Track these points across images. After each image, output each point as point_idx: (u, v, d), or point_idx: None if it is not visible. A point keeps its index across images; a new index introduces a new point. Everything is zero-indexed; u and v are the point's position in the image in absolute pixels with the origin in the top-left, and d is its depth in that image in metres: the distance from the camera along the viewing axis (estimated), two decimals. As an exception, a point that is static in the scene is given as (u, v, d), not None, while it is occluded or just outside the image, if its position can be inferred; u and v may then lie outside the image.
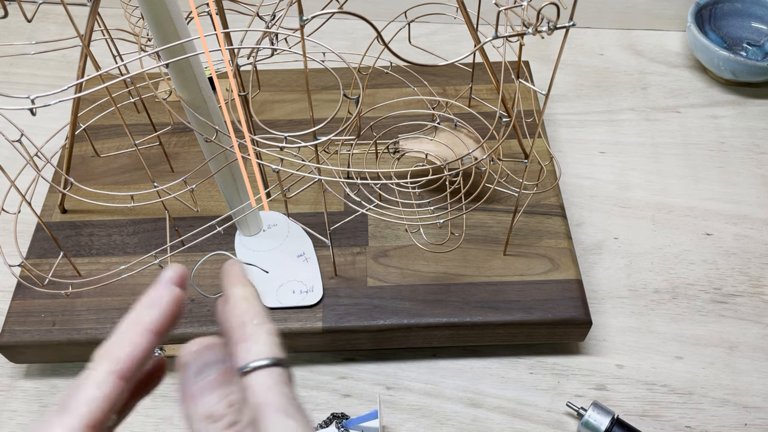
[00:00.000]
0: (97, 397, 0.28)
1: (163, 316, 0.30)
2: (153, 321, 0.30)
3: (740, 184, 0.75)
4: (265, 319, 0.31)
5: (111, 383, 0.29)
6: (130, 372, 0.29)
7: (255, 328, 0.30)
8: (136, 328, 0.30)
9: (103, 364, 0.29)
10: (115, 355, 0.29)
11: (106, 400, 0.28)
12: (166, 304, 0.30)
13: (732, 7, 0.88)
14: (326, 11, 0.39)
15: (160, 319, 0.30)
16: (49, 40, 0.58)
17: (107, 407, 0.29)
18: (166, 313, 0.30)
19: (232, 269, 0.33)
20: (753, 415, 0.59)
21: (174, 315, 0.31)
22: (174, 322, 0.31)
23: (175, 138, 0.72)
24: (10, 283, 0.65)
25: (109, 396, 0.29)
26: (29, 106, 0.36)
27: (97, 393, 0.28)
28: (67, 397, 0.29)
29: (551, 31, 0.40)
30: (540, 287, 0.60)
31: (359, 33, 0.93)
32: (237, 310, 0.31)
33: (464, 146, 0.65)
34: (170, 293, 0.31)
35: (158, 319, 0.30)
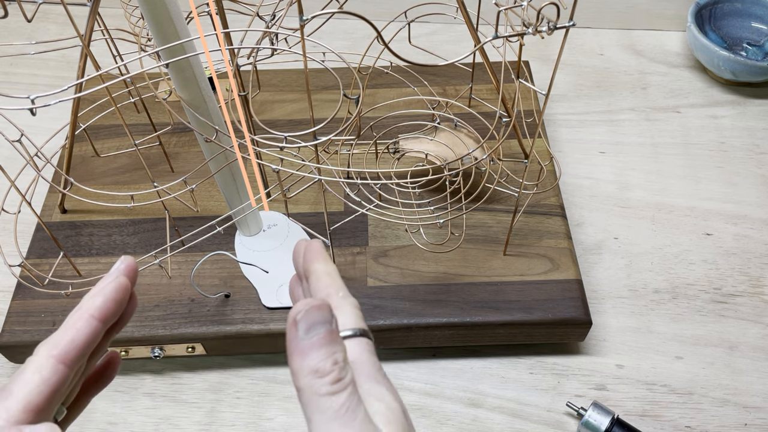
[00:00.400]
0: (35, 380, 0.29)
1: (106, 302, 0.31)
2: (95, 307, 0.31)
3: (740, 184, 0.75)
4: (348, 293, 0.33)
5: (49, 367, 0.29)
6: (69, 356, 0.30)
7: (340, 301, 0.32)
8: (79, 314, 0.31)
9: (43, 349, 0.30)
10: (54, 341, 0.30)
11: (44, 383, 0.29)
12: (109, 292, 0.31)
13: (732, 7, 0.88)
14: (326, 11, 0.39)
15: (103, 305, 0.31)
16: (49, 40, 0.58)
17: (47, 391, 0.29)
18: (109, 301, 0.31)
19: (312, 247, 0.35)
20: (753, 415, 0.59)
21: (117, 301, 0.31)
22: (118, 309, 0.32)
23: (175, 138, 0.72)
24: (10, 283, 0.65)
25: (48, 379, 0.29)
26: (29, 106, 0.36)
27: (35, 377, 0.29)
28: (9, 382, 0.29)
29: (551, 31, 0.40)
30: (540, 287, 0.60)
31: (359, 33, 0.93)
32: (322, 283, 0.33)
33: (464, 146, 0.65)
34: (115, 282, 0.31)
35: (101, 305, 0.31)
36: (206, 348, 0.59)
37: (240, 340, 0.58)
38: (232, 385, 0.61)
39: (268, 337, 0.58)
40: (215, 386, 0.61)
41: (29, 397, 0.29)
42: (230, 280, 0.61)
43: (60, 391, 0.30)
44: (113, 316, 0.31)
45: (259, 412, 0.59)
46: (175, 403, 0.60)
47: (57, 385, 0.29)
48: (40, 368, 0.29)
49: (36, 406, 0.29)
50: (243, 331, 0.58)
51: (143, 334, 0.58)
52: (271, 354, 0.62)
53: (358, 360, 0.30)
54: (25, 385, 0.29)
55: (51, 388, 0.29)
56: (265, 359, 0.62)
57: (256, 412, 0.59)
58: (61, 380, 0.29)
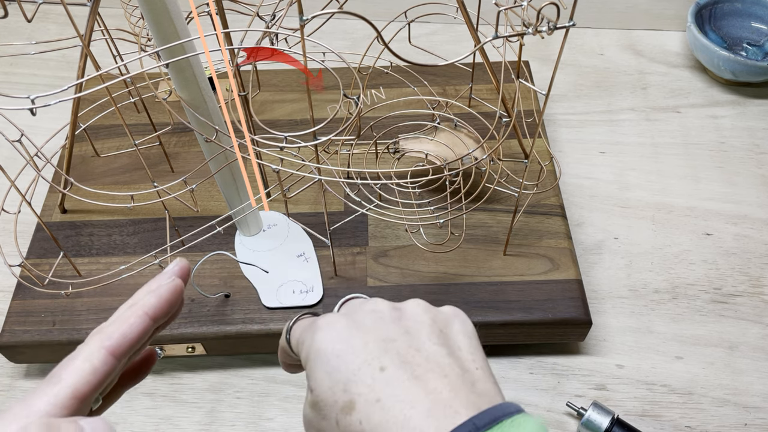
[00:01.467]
0: (85, 369, 0.29)
1: (161, 301, 0.32)
2: (150, 305, 0.31)
3: (740, 184, 0.75)
4: None
5: (101, 357, 0.29)
6: (120, 349, 0.30)
7: None
8: (133, 310, 0.31)
9: (95, 339, 0.30)
10: (108, 332, 0.30)
11: (94, 373, 0.29)
12: (165, 292, 0.32)
13: (732, 7, 0.88)
14: (326, 11, 0.39)
15: (157, 304, 0.31)
16: (49, 40, 0.58)
17: (95, 380, 0.29)
18: (163, 300, 0.32)
19: None
20: (753, 415, 0.59)
21: (171, 303, 0.32)
22: (170, 310, 0.32)
23: (175, 138, 0.72)
24: (10, 283, 0.65)
25: (98, 369, 0.29)
26: (29, 106, 0.36)
27: (86, 365, 0.29)
28: (58, 368, 0.29)
29: (551, 31, 0.40)
30: (540, 287, 0.60)
31: (359, 33, 0.93)
32: None
33: (464, 146, 0.65)
34: (170, 283, 0.32)
35: (155, 303, 0.31)
36: (206, 348, 0.59)
37: (240, 340, 0.58)
38: (232, 385, 0.61)
39: (268, 337, 0.58)
40: (215, 386, 0.61)
41: (78, 385, 0.29)
42: (230, 280, 0.61)
43: (106, 382, 0.30)
44: (164, 316, 0.32)
45: (259, 412, 0.59)
46: (175, 403, 0.60)
47: (105, 376, 0.30)
48: (91, 357, 0.29)
49: (83, 394, 0.29)
50: (243, 331, 0.58)
51: (143, 334, 0.58)
52: (271, 354, 0.62)
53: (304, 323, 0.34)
54: (76, 372, 0.29)
55: (99, 379, 0.29)
56: (265, 359, 0.62)
57: (256, 412, 0.59)
58: (109, 372, 0.30)
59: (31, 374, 0.62)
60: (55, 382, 0.28)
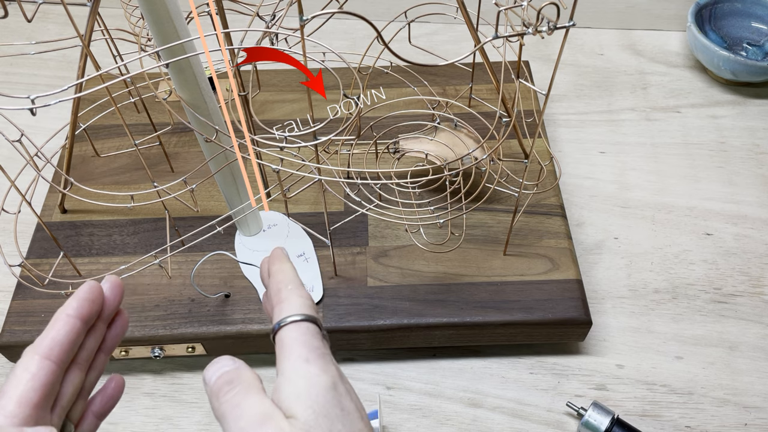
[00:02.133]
0: (24, 377, 0.31)
1: (80, 302, 0.34)
2: (71, 306, 0.34)
3: (740, 184, 0.75)
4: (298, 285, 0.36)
5: (35, 363, 0.31)
6: (53, 352, 0.32)
7: (288, 293, 0.35)
8: (56, 316, 0.34)
9: (28, 350, 0.32)
10: (37, 341, 0.32)
11: (33, 378, 0.31)
12: (81, 293, 0.34)
13: (732, 7, 0.88)
14: (326, 11, 0.39)
15: (77, 304, 0.34)
16: (49, 40, 0.58)
17: (37, 385, 0.31)
18: (82, 300, 0.34)
19: (272, 253, 0.39)
20: (753, 415, 0.59)
21: (91, 301, 0.34)
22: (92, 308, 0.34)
23: (175, 138, 0.72)
24: (10, 283, 0.65)
25: (36, 374, 0.31)
26: (29, 106, 0.36)
27: (24, 374, 0.31)
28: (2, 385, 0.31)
29: (551, 31, 0.40)
30: (540, 287, 0.60)
31: (359, 33, 0.93)
32: (274, 281, 0.37)
33: (464, 146, 0.65)
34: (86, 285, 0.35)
35: (75, 304, 0.34)
36: (206, 348, 0.59)
37: (240, 340, 0.58)
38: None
39: (268, 337, 0.58)
40: (215, 386, 0.61)
41: (20, 393, 0.30)
42: (230, 280, 0.61)
43: (50, 385, 0.31)
44: (89, 313, 0.34)
45: (259, 412, 0.59)
46: (175, 403, 0.60)
47: (46, 378, 0.31)
48: (27, 366, 0.31)
49: (29, 400, 0.30)
50: (243, 331, 0.58)
51: (143, 334, 0.58)
52: (271, 354, 0.62)
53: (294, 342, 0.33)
54: (16, 383, 0.31)
55: (40, 382, 0.31)
56: (265, 359, 0.62)
57: (256, 412, 0.59)
58: (49, 375, 0.31)
59: (31, 374, 0.62)
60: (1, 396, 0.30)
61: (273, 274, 0.38)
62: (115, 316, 0.37)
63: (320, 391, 0.31)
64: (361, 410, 0.33)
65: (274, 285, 0.37)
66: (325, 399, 0.31)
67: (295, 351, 0.33)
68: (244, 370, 0.33)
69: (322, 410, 0.31)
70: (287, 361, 0.33)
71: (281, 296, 0.35)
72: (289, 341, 0.33)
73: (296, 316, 0.34)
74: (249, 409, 0.31)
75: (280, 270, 0.37)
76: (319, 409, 0.31)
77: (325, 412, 0.31)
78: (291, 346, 0.33)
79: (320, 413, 0.31)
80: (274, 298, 0.36)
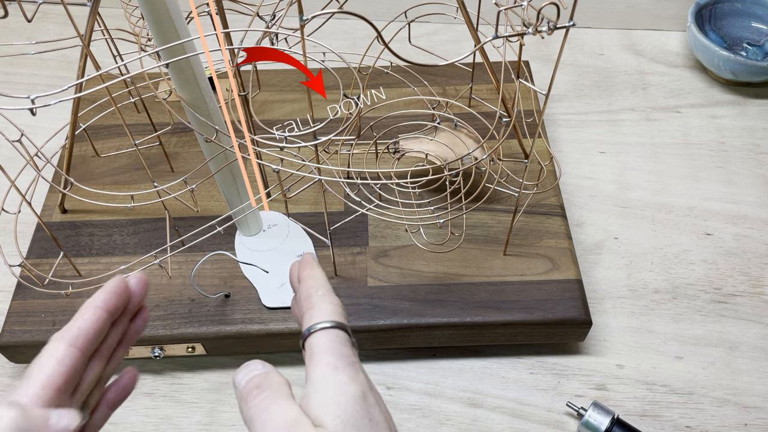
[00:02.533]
0: (50, 362, 0.32)
1: (107, 294, 0.35)
2: (99, 299, 0.35)
3: (740, 184, 0.75)
4: (329, 292, 0.36)
5: (62, 349, 0.32)
6: (79, 339, 0.33)
7: (318, 299, 0.35)
8: (85, 306, 0.35)
9: (55, 336, 0.33)
10: (64, 329, 0.33)
11: (58, 363, 0.32)
12: (110, 286, 0.35)
13: (732, 7, 0.88)
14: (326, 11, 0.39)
15: (105, 296, 0.35)
16: (49, 40, 0.58)
17: (62, 370, 0.32)
18: (109, 293, 0.35)
19: (303, 259, 0.40)
20: (753, 415, 0.59)
21: (118, 295, 0.35)
22: (119, 301, 0.35)
23: (175, 138, 0.73)
24: (10, 283, 0.65)
25: (62, 360, 0.32)
26: (29, 106, 0.36)
27: (50, 359, 0.32)
28: (28, 369, 0.32)
29: (551, 31, 0.40)
30: (540, 287, 0.60)
31: (359, 33, 0.93)
32: (304, 286, 0.37)
33: (464, 146, 0.65)
34: (115, 279, 0.36)
35: (103, 296, 0.35)
36: (206, 348, 0.59)
37: (240, 340, 0.58)
38: (232, 385, 0.61)
39: (268, 337, 0.58)
40: (215, 386, 0.61)
41: (45, 377, 0.31)
42: (230, 280, 0.61)
43: (73, 372, 0.32)
44: (115, 306, 0.35)
45: (259, 412, 0.59)
46: (175, 403, 0.60)
47: (70, 364, 0.32)
48: (53, 351, 0.32)
49: (53, 384, 0.31)
50: (243, 331, 0.58)
51: (143, 334, 0.58)
52: (271, 354, 0.62)
53: (324, 349, 0.33)
54: (42, 366, 0.32)
55: (65, 368, 0.32)
56: (265, 359, 0.62)
57: (256, 412, 0.59)
58: (73, 361, 0.32)
59: (31, 374, 0.62)
60: (26, 378, 0.32)
61: (303, 280, 0.38)
62: (138, 312, 0.38)
63: (349, 401, 0.31)
64: (390, 421, 0.32)
65: (305, 290, 0.37)
66: (353, 409, 0.31)
67: (324, 359, 0.33)
68: (273, 375, 0.33)
69: (350, 420, 0.30)
70: (316, 368, 0.32)
71: (312, 302, 0.35)
72: (318, 348, 0.33)
73: (326, 323, 0.34)
74: (277, 415, 0.31)
75: (311, 275, 0.37)
76: (347, 419, 0.30)
77: (353, 422, 0.30)
78: (320, 354, 0.33)
79: (348, 423, 0.30)
80: (304, 303, 0.36)
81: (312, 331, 0.34)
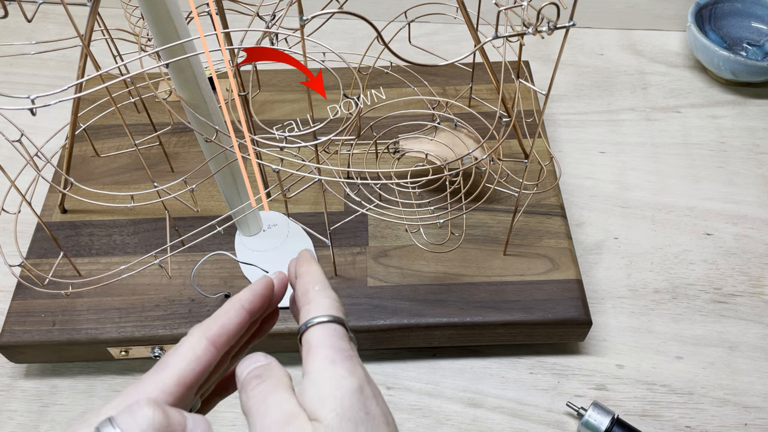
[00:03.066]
0: (189, 356, 0.32)
1: (254, 295, 0.35)
2: (245, 299, 0.35)
3: (740, 184, 0.75)
4: (325, 287, 0.36)
5: (202, 346, 0.32)
6: (220, 339, 0.33)
7: (315, 294, 0.35)
8: (231, 303, 0.34)
9: (197, 330, 0.33)
10: (207, 324, 0.33)
11: (197, 360, 0.32)
12: (257, 287, 0.36)
13: (732, 7, 0.88)
14: (326, 11, 0.39)
15: (252, 297, 0.35)
16: (49, 40, 0.58)
17: (198, 368, 0.32)
18: (257, 294, 0.35)
19: (299, 255, 0.39)
20: (753, 415, 0.59)
21: (264, 297, 0.36)
22: (263, 303, 0.36)
23: (175, 138, 0.73)
24: (10, 283, 0.65)
25: (201, 357, 0.32)
26: (29, 106, 0.36)
27: (190, 353, 0.32)
28: (165, 356, 0.32)
29: (551, 31, 0.40)
30: (540, 287, 0.60)
31: (359, 33, 0.93)
32: (301, 282, 0.37)
33: (464, 146, 0.65)
34: (263, 279, 0.36)
35: (250, 297, 0.35)
36: (206, 348, 0.59)
37: (240, 340, 0.58)
38: (232, 385, 0.61)
39: (268, 337, 0.58)
40: (215, 386, 0.61)
41: (182, 372, 0.31)
42: (230, 280, 0.61)
43: (207, 371, 0.32)
44: (259, 309, 0.35)
45: (259, 412, 0.59)
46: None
47: (207, 364, 0.32)
48: (194, 346, 0.32)
49: (187, 380, 0.31)
50: (243, 331, 0.58)
51: (143, 334, 0.58)
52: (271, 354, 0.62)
53: (320, 343, 0.33)
54: (181, 359, 0.31)
55: (202, 366, 0.32)
56: (265, 359, 0.62)
57: (256, 412, 0.59)
58: (210, 360, 0.32)
59: (31, 374, 0.62)
60: (162, 368, 0.31)
61: (300, 276, 0.37)
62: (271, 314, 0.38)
63: (345, 394, 0.31)
64: (388, 415, 0.32)
65: (302, 286, 0.37)
66: (350, 402, 0.31)
67: (321, 352, 0.32)
68: (275, 367, 0.33)
69: (346, 414, 0.30)
70: (313, 362, 0.32)
71: (309, 297, 0.35)
72: (315, 342, 0.33)
73: (323, 317, 0.34)
74: (274, 407, 0.31)
75: (308, 272, 0.37)
76: (343, 412, 0.30)
77: (349, 416, 0.30)
78: (317, 348, 0.33)
79: (344, 417, 0.30)
80: (301, 299, 0.36)
81: (309, 326, 0.34)
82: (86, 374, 0.62)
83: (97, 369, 0.62)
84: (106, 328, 0.58)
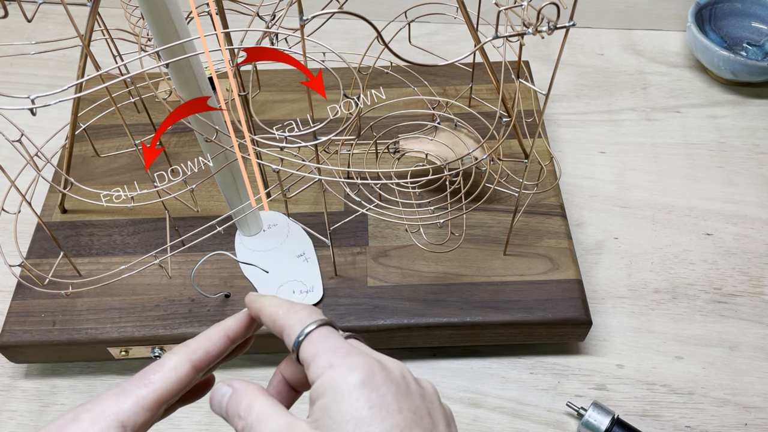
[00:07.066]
0: (172, 378, 0.32)
1: (239, 324, 0.36)
2: (230, 327, 0.36)
3: (740, 184, 0.75)
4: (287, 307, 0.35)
5: (186, 369, 0.33)
6: (202, 364, 0.34)
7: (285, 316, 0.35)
8: (217, 329, 0.35)
9: (182, 352, 0.33)
10: (193, 347, 0.34)
11: (178, 382, 0.32)
12: (242, 316, 0.37)
13: (732, 7, 0.88)
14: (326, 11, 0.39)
15: (236, 326, 0.36)
16: (49, 40, 0.58)
17: (177, 389, 0.32)
18: (241, 323, 0.36)
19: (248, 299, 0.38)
20: (753, 415, 0.59)
21: (246, 327, 0.37)
22: (245, 334, 0.37)
23: (175, 138, 0.73)
24: (10, 283, 0.65)
25: (182, 380, 0.32)
26: (29, 106, 0.36)
27: (173, 374, 0.32)
28: (146, 372, 0.32)
29: (551, 31, 0.40)
30: (540, 287, 0.60)
31: (359, 33, 0.93)
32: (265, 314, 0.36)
33: (464, 146, 0.65)
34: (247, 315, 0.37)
35: (235, 326, 0.36)
36: (206, 348, 0.59)
37: (240, 340, 0.58)
38: (232, 385, 0.61)
39: (268, 337, 0.58)
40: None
41: (163, 391, 0.32)
42: (230, 280, 0.61)
43: (184, 391, 0.33)
44: (240, 336, 0.36)
45: (259, 412, 0.59)
46: (175, 403, 0.60)
47: (186, 385, 0.33)
48: (177, 368, 0.33)
49: (164, 400, 0.32)
50: (243, 331, 0.58)
51: (143, 334, 0.58)
52: (271, 354, 0.62)
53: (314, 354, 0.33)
54: (163, 380, 0.32)
55: (180, 388, 0.33)
56: (265, 359, 0.62)
57: (256, 412, 0.59)
58: (188, 383, 0.33)
59: (31, 374, 0.62)
60: (145, 384, 0.32)
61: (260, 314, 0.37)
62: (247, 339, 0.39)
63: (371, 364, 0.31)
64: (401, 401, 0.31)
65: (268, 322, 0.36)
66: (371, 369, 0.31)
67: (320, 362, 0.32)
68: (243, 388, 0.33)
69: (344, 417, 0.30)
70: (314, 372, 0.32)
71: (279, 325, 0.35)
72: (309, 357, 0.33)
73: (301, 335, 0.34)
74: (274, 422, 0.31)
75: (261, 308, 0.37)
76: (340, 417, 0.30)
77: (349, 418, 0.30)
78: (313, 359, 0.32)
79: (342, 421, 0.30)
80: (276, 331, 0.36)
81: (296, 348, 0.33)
82: (86, 374, 0.62)
83: (97, 369, 0.62)
84: (106, 328, 0.58)
